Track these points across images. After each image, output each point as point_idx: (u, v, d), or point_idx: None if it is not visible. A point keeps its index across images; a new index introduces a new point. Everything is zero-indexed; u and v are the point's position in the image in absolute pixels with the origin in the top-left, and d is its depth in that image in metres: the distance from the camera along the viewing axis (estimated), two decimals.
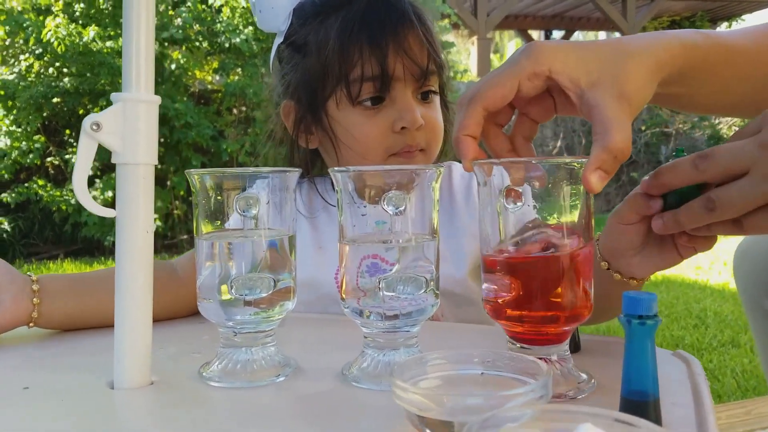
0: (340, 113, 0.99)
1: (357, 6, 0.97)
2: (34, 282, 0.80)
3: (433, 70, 0.99)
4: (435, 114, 1.02)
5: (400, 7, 0.97)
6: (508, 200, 0.58)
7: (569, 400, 0.56)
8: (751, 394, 2.59)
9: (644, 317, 0.49)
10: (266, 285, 0.66)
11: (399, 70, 0.96)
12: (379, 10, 0.97)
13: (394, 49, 0.95)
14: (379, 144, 0.98)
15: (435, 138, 1.01)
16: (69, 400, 0.61)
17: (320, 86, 0.99)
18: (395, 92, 0.97)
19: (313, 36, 1.00)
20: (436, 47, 0.99)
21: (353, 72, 0.96)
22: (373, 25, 0.96)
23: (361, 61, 0.95)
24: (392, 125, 0.97)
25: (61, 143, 6.80)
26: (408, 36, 0.96)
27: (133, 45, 0.62)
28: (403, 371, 0.50)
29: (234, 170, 0.65)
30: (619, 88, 0.59)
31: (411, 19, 0.97)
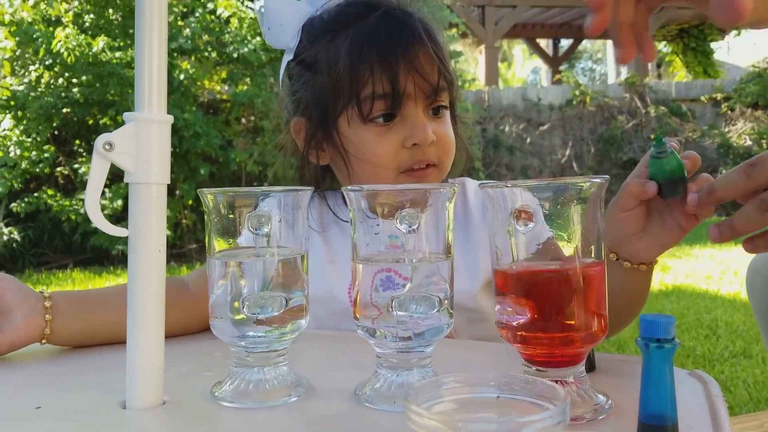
0: (351, 131, 1.00)
1: (367, 23, 0.97)
2: (46, 299, 0.81)
3: (443, 86, 0.99)
4: (446, 129, 1.02)
5: (410, 25, 0.98)
6: (518, 222, 0.58)
7: (587, 422, 0.56)
8: (764, 405, 2.57)
9: (662, 341, 0.48)
10: (278, 304, 0.65)
11: (410, 87, 0.96)
12: (389, 27, 0.97)
13: (404, 67, 0.96)
14: (391, 161, 0.98)
15: (447, 153, 1.01)
16: (81, 420, 0.61)
17: (331, 104, 0.99)
18: (406, 109, 0.97)
19: (323, 54, 1.00)
20: (446, 63, 1.00)
21: (364, 90, 0.96)
22: (383, 43, 0.96)
23: (372, 80, 0.95)
24: (403, 142, 0.97)
25: (70, 153, 6.84)
26: (418, 53, 0.97)
27: (145, 65, 0.62)
28: (417, 395, 0.49)
29: (246, 189, 0.65)
30: None
31: (421, 36, 0.97)
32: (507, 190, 0.59)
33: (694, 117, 9.66)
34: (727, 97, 9.87)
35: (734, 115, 9.74)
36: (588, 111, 9.28)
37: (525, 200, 0.58)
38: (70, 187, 6.75)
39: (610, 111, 9.39)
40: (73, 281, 5.69)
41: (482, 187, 0.60)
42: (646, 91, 9.54)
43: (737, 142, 9.30)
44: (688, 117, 9.60)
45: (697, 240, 6.84)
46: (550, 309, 0.57)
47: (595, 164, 9.17)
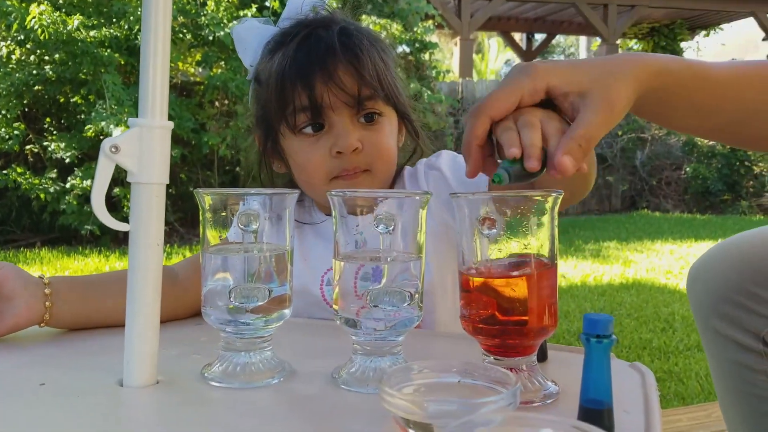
0: (287, 142, 1.07)
1: (292, 42, 1.04)
2: (46, 285, 0.86)
3: (368, 95, 1.03)
4: (377, 136, 1.06)
5: (328, 41, 1.03)
6: (483, 227, 0.66)
7: (536, 405, 0.63)
8: (713, 397, 2.69)
9: (601, 336, 0.56)
10: (263, 294, 0.72)
11: (327, 99, 1.01)
12: (309, 44, 1.03)
13: (321, 80, 1.01)
14: (320, 168, 1.04)
15: (380, 158, 1.06)
16: (83, 396, 0.67)
17: (272, 119, 1.07)
18: (331, 119, 1.04)
19: (264, 71, 1.08)
20: (373, 73, 1.04)
21: (288, 106, 1.03)
22: (302, 59, 1.02)
23: (293, 94, 1.02)
24: (330, 150, 1.03)
25: (41, 131, 6.77)
26: (337, 67, 1.02)
27: (150, 74, 0.68)
28: (390, 378, 0.57)
29: (238, 190, 0.72)
30: (606, 96, 0.70)
31: (336, 51, 1.02)
32: (473, 199, 0.67)
33: None
34: None
35: None
36: None
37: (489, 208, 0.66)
38: (40, 165, 6.69)
39: None
40: (41, 260, 5.66)
41: (452, 196, 0.68)
42: None
43: (702, 140, 9.54)
44: None
45: (659, 235, 7.04)
46: (507, 306, 0.65)
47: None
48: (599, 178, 9.41)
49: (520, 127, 0.69)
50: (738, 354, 0.95)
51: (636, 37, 13.61)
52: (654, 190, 9.62)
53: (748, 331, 0.93)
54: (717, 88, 0.79)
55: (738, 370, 0.95)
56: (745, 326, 0.93)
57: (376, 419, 0.60)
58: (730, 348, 0.95)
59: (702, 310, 0.99)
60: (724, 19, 13.11)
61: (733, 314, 0.94)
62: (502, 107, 0.71)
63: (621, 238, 7.01)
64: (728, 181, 9.26)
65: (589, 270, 5.22)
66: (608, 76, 0.71)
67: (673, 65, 0.76)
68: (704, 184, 9.23)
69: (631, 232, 7.41)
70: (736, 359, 0.95)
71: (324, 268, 1.08)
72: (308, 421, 0.62)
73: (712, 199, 9.31)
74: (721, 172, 9.24)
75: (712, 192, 9.24)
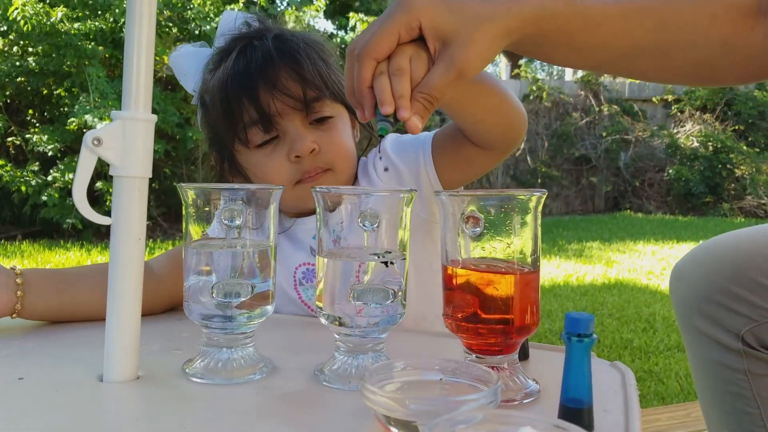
0: (243, 157, 1.07)
1: (230, 58, 1.03)
2: (18, 275, 0.85)
3: (314, 96, 1.03)
4: (332, 135, 1.06)
5: (264, 50, 1.02)
6: (467, 225, 0.66)
7: (517, 404, 0.64)
8: (693, 397, 2.71)
9: (582, 335, 0.56)
10: (246, 290, 0.72)
11: (274, 107, 1.01)
12: (246, 57, 1.02)
13: (265, 90, 1.00)
14: (282, 176, 1.03)
15: (338, 157, 1.06)
16: (62, 391, 0.66)
17: (223, 137, 1.06)
18: (283, 126, 1.03)
19: (207, 93, 1.07)
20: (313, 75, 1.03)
21: (238, 121, 1.02)
22: (241, 73, 1.01)
23: (240, 109, 1.01)
24: (287, 157, 1.03)
25: (23, 123, 6.70)
26: (279, 73, 1.01)
27: (134, 67, 0.67)
28: (372, 376, 0.57)
29: (222, 185, 0.72)
30: (464, 51, 0.69)
31: (274, 58, 1.01)
32: (458, 198, 0.67)
33: (645, 117, 9.95)
34: (678, 99, 10.18)
35: (683, 117, 10.05)
36: (544, 106, 9.47)
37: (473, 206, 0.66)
38: (22, 157, 6.62)
39: (565, 107, 9.60)
40: (22, 254, 5.60)
41: (437, 194, 0.68)
42: (601, 89, 9.77)
43: (684, 143, 9.62)
44: (640, 117, 9.88)
45: (641, 236, 7.09)
46: (489, 305, 0.65)
47: (548, 158, 9.38)
48: (583, 178, 9.49)
49: (391, 73, 0.70)
50: (718, 353, 0.95)
51: None
52: (637, 191, 9.69)
53: (728, 330, 0.94)
54: (603, 27, 0.76)
55: (718, 368, 0.96)
56: (726, 325, 0.94)
57: (358, 416, 0.60)
58: (711, 347, 0.96)
59: (684, 310, 0.99)
60: None
61: (714, 313, 0.95)
62: (384, 48, 0.71)
63: (604, 238, 7.06)
64: (710, 183, 9.34)
65: (571, 270, 5.25)
66: (475, 23, 0.69)
67: (552, 6, 0.73)
68: (686, 186, 9.30)
69: (614, 232, 7.46)
70: (716, 358, 0.96)
71: (293, 265, 1.09)
72: (290, 418, 0.62)
73: (694, 201, 9.39)
74: (703, 175, 9.32)
75: (694, 194, 9.32)
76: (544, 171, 9.13)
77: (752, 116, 9.83)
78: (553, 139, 9.44)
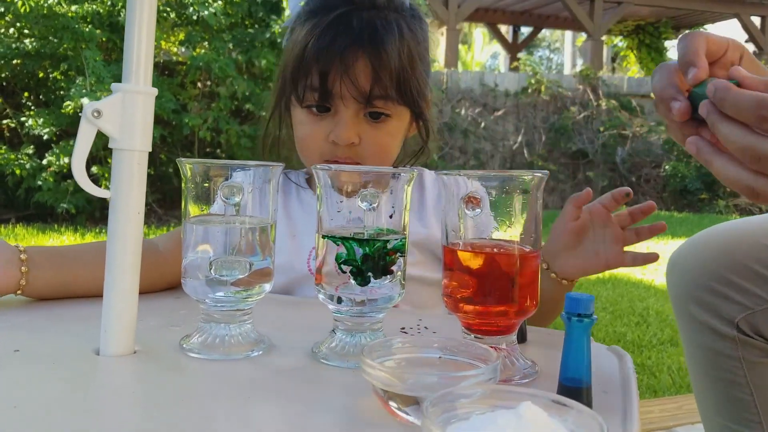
0: (294, 109, 1.08)
1: (325, 19, 1.03)
2: (22, 252, 0.85)
3: (379, 94, 1.02)
4: (379, 134, 1.05)
5: (360, 28, 1.01)
6: (468, 206, 0.65)
7: (515, 384, 0.64)
8: (685, 390, 2.73)
9: (582, 315, 0.56)
10: (243, 267, 0.71)
11: (337, 88, 1.01)
12: (338, 28, 1.02)
13: (337, 69, 1.00)
14: (315, 147, 1.05)
15: (374, 156, 1.05)
16: (58, 363, 0.66)
17: (288, 82, 1.07)
18: (337, 106, 1.03)
19: (294, 33, 1.08)
20: (390, 75, 1.01)
21: (302, 80, 1.03)
22: (325, 42, 1.01)
23: (309, 72, 1.02)
24: (328, 135, 1.04)
25: (18, 105, 6.66)
26: (358, 59, 1.01)
27: (135, 40, 0.67)
28: (371, 351, 0.56)
29: (221, 161, 0.71)
30: None
31: (364, 43, 1.01)
32: (459, 178, 0.67)
33: (643, 112, 9.95)
34: None
35: None
36: (542, 100, 9.46)
37: (475, 188, 0.66)
38: (17, 140, 6.58)
39: (563, 101, 9.59)
40: (15, 237, 5.58)
41: (438, 174, 0.68)
42: (599, 84, 9.77)
43: None
44: (638, 112, 9.88)
45: None
46: (489, 285, 0.65)
47: (545, 152, 9.38)
48: (579, 173, 9.49)
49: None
50: (713, 340, 0.96)
51: (621, 34, 13.68)
52: (633, 186, 9.70)
53: (723, 317, 0.94)
54: None
55: (713, 356, 0.97)
56: (721, 313, 0.94)
57: (356, 393, 0.60)
58: (706, 334, 0.97)
59: (679, 297, 1.00)
60: (709, 20, 13.22)
61: (709, 301, 0.95)
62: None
63: None
64: (706, 180, 9.35)
65: None
66: None
67: None
68: (683, 182, 9.32)
69: None
70: (711, 345, 0.96)
71: (312, 244, 1.08)
72: (287, 394, 0.61)
73: (689, 197, 9.41)
74: (699, 171, 9.33)
75: (690, 190, 9.34)
76: (540, 165, 9.13)
77: None
78: (550, 133, 9.44)
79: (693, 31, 0.69)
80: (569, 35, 16.32)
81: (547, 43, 23.45)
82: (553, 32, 21.02)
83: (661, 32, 13.12)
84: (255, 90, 6.96)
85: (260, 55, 7.05)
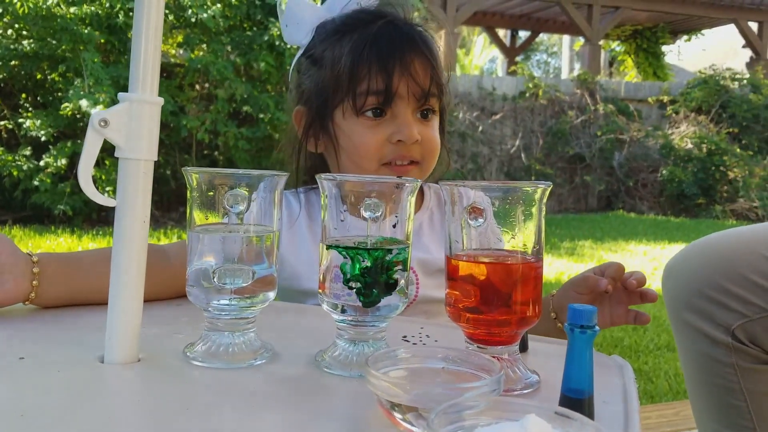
0: (345, 122, 1.11)
1: (371, 29, 1.09)
2: (35, 264, 0.85)
3: (434, 92, 1.10)
4: (432, 132, 1.13)
5: (408, 32, 1.10)
6: (471, 216, 0.66)
7: (517, 394, 0.64)
8: (682, 396, 2.74)
9: (585, 327, 0.57)
10: (246, 276, 0.72)
11: (402, 88, 1.07)
12: (390, 33, 1.09)
13: (399, 69, 1.07)
14: (375, 153, 1.09)
15: (430, 153, 1.12)
16: (63, 371, 0.66)
17: (330, 96, 1.10)
18: (396, 108, 1.08)
19: (329, 52, 1.11)
20: (439, 72, 1.11)
21: (360, 86, 1.07)
22: (383, 46, 1.07)
23: (368, 77, 1.07)
24: (389, 137, 1.08)
25: (15, 107, 6.66)
26: (414, 59, 1.08)
27: (141, 49, 0.67)
28: (375, 362, 0.57)
29: (226, 170, 0.71)
30: None
31: (418, 44, 1.08)
32: (463, 188, 0.67)
33: (640, 117, 9.98)
34: (673, 100, 10.22)
35: (678, 118, 10.10)
36: (539, 104, 9.48)
37: (478, 199, 0.66)
38: (14, 141, 6.58)
39: (561, 105, 9.62)
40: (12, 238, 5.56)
41: (441, 184, 0.68)
42: (597, 88, 9.80)
43: (679, 144, 9.66)
44: (635, 117, 9.91)
45: (633, 236, 7.12)
46: (491, 295, 0.65)
47: (542, 156, 9.40)
48: (576, 177, 9.51)
49: None
50: (708, 347, 0.97)
51: (619, 39, 13.72)
52: (630, 191, 9.73)
53: (718, 324, 0.95)
54: None
55: (708, 362, 0.98)
56: (716, 320, 0.95)
57: (360, 402, 0.61)
58: (701, 341, 0.98)
59: (675, 304, 1.01)
60: (706, 25, 13.27)
61: (704, 308, 0.96)
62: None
63: (596, 237, 7.09)
64: (703, 185, 9.38)
65: (564, 268, 5.27)
66: None
67: None
68: (680, 187, 9.35)
69: (606, 232, 7.49)
70: (706, 352, 0.97)
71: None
72: (290, 403, 0.62)
73: (686, 202, 9.43)
74: (696, 176, 9.36)
75: (687, 195, 9.36)
76: (538, 168, 9.15)
77: (746, 119, 9.88)
78: (547, 137, 9.46)
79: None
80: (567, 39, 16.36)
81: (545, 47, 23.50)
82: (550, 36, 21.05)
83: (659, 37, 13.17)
84: (253, 92, 6.97)
85: (259, 57, 7.05)
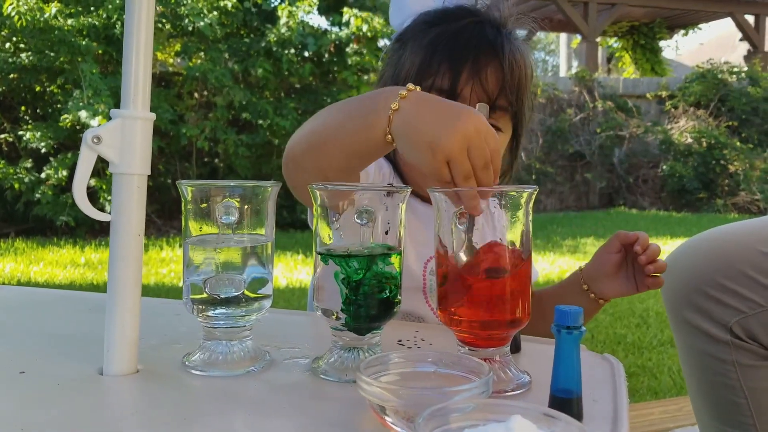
0: None
1: (456, 25, 1.05)
2: None
3: (501, 105, 1.04)
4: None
5: (492, 36, 1.04)
6: (460, 221, 0.67)
7: (508, 395, 0.65)
8: (685, 392, 2.73)
9: (572, 327, 0.58)
10: (239, 285, 0.73)
11: (467, 91, 1.02)
12: (471, 34, 1.04)
13: (468, 71, 1.01)
14: None
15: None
16: (63, 384, 0.68)
17: (402, 82, 1.05)
18: None
19: (412, 41, 1.08)
20: (513, 84, 1.04)
21: (427, 80, 1.03)
22: (459, 45, 1.03)
23: (436, 74, 1.03)
24: None
25: (15, 120, 6.68)
26: (488, 64, 1.02)
27: (132, 66, 0.69)
28: (367, 368, 0.58)
29: (219, 182, 0.73)
30: None
31: (496, 49, 1.03)
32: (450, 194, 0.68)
33: (639, 113, 9.98)
34: (672, 95, 10.22)
35: (677, 113, 10.09)
36: (538, 103, 9.49)
37: None
38: (14, 154, 6.60)
39: (560, 103, 9.62)
40: (15, 251, 5.60)
41: (431, 191, 0.69)
42: (595, 85, 9.81)
43: (678, 139, 9.66)
44: (634, 113, 9.91)
45: None
46: (481, 298, 0.67)
47: (542, 155, 9.41)
48: (577, 174, 9.51)
49: None
50: (707, 344, 0.98)
51: (616, 35, 13.73)
52: (631, 187, 9.73)
53: (717, 322, 0.96)
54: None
55: (707, 359, 0.98)
56: (715, 317, 0.96)
57: (355, 407, 0.62)
58: (700, 338, 0.98)
59: (674, 302, 1.02)
60: (703, 19, 13.27)
61: (703, 305, 0.97)
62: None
63: (598, 234, 7.09)
64: (704, 179, 9.38)
65: (566, 266, 5.28)
66: None
67: None
68: (680, 182, 9.35)
69: (608, 228, 7.49)
70: (705, 349, 0.98)
71: (428, 254, 1.09)
72: (287, 409, 0.63)
73: (688, 197, 9.43)
74: (697, 171, 9.36)
75: (688, 190, 9.36)
76: (538, 167, 9.16)
77: (746, 112, 9.88)
78: (547, 136, 9.47)
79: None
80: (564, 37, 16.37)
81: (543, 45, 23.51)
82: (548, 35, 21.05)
83: (656, 32, 13.17)
84: (251, 99, 6.99)
85: (256, 64, 7.08)
